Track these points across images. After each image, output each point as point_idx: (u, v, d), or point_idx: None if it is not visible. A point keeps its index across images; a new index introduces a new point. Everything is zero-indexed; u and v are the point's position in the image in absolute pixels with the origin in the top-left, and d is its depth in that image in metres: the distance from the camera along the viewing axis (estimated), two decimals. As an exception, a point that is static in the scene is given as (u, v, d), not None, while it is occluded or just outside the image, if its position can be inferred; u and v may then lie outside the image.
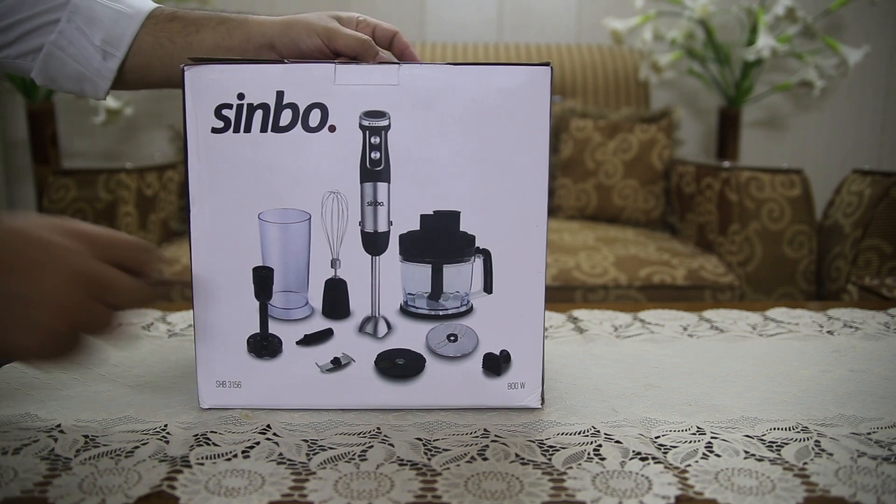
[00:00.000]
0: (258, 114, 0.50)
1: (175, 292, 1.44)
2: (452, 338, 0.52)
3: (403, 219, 0.51)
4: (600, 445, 0.47)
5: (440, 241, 0.52)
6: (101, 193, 1.54)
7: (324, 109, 0.50)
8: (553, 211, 1.98)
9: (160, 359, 0.64)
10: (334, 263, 0.52)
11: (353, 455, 0.46)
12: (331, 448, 0.47)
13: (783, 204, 1.53)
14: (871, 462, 0.45)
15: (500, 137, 0.51)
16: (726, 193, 1.59)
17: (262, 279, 0.52)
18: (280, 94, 0.50)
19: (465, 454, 0.46)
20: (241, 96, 0.50)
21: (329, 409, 0.53)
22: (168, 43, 0.64)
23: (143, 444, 0.47)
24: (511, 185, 0.51)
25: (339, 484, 0.42)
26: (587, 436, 0.49)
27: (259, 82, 0.50)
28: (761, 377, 0.60)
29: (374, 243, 0.52)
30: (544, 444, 0.48)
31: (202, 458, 0.45)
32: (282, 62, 0.51)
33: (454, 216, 0.51)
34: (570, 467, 0.44)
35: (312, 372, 0.53)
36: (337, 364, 0.53)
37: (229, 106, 0.50)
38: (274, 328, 0.52)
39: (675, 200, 1.87)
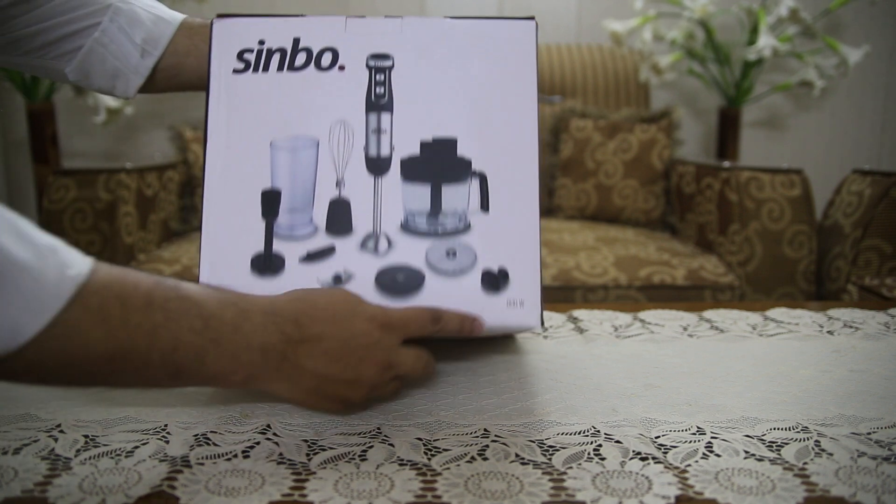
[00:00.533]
0: (276, 56, 0.56)
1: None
2: (451, 254, 0.54)
3: (404, 147, 0.56)
4: (600, 445, 0.47)
5: (439, 164, 0.56)
6: (101, 193, 1.54)
7: (335, 52, 0.56)
8: (553, 211, 1.98)
9: (160, 359, 0.64)
10: (339, 184, 0.55)
11: (353, 455, 0.46)
12: (331, 448, 0.47)
13: (783, 204, 1.53)
14: (871, 462, 0.45)
15: (492, 76, 0.56)
16: (726, 193, 1.59)
17: (271, 200, 0.55)
18: (296, 41, 0.56)
19: (465, 454, 0.46)
20: (261, 42, 0.57)
21: None
22: (203, 45, 0.70)
23: (143, 444, 0.47)
24: (503, 116, 0.56)
25: (339, 484, 0.42)
26: (587, 436, 0.49)
27: (278, 31, 0.57)
28: (761, 377, 0.60)
29: (377, 166, 0.55)
30: (544, 444, 0.48)
31: (202, 458, 0.45)
32: (301, 16, 0.56)
33: (451, 143, 0.56)
34: (570, 467, 0.44)
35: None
36: (338, 280, 0.54)
37: (250, 50, 0.57)
38: (278, 246, 0.54)
39: (675, 200, 1.87)
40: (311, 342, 0.46)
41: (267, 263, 0.54)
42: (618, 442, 0.48)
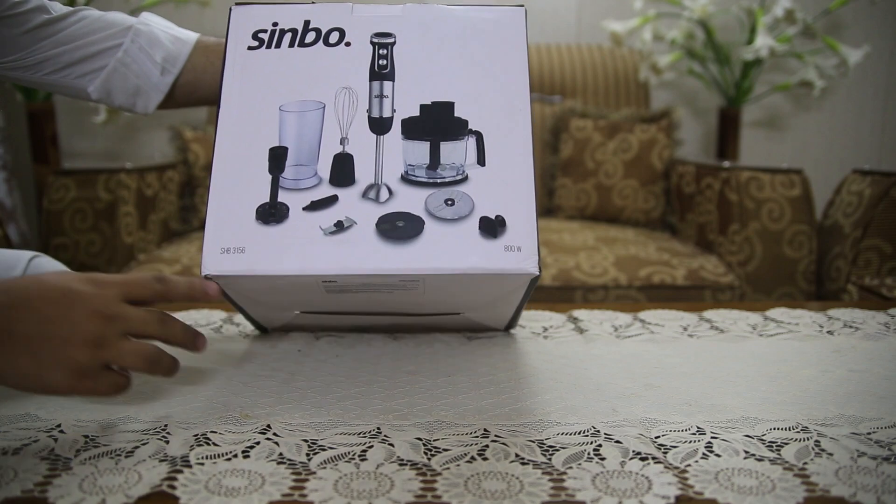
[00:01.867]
0: (287, 35, 0.61)
1: (175, 292, 1.44)
2: (450, 202, 0.56)
3: (405, 110, 0.59)
4: (600, 445, 0.47)
5: (437, 123, 0.59)
6: (101, 193, 1.54)
7: (342, 32, 0.61)
8: (553, 211, 1.98)
9: (160, 359, 0.64)
10: (343, 142, 0.58)
11: (353, 455, 0.46)
12: (331, 448, 0.47)
13: (783, 204, 1.53)
14: (871, 462, 0.45)
15: (486, 51, 0.61)
16: (726, 193, 1.59)
17: (277, 156, 0.57)
18: (307, 22, 0.62)
19: (465, 454, 0.46)
20: (274, 24, 0.62)
21: (330, 274, 0.54)
22: (218, 62, 0.73)
23: (143, 444, 0.47)
24: (497, 84, 0.60)
25: (339, 484, 0.42)
26: (587, 436, 0.49)
27: (290, 14, 0.62)
28: (761, 377, 0.60)
29: (379, 125, 0.59)
30: (544, 444, 0.48)
31: (202, 458, 0.45)
32: (311, 3, 0.63)
33: (449, 106, 0.59)
34: (570, 467, 0.44)
35: (316, 235, 0.55)
36: (339, 227, 0.55)
37: (264, 31, 0.62)
38: (283, 197, 0.56)
39: (675, 200, 1.87)
40: (20, 307, 0.45)
41: (271, 212, 0.56)
42: (618, 442, 0.48)
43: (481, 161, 0.58)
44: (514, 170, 0.57)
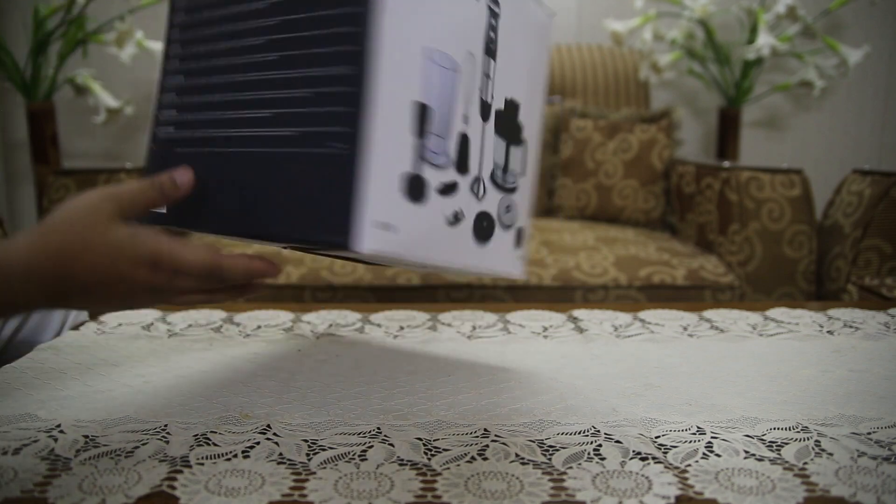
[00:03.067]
0: None
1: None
2: (508, 209, 0.58)
3: (496, 100, 0.56)
4: (600, 445, 0.47)
5: (511, 124, 0.58)
6: (101, 193, 1.54)
7: None
8: (553, 211, 1.98)
9: (160, 359, 0.64)
10: (465, 119, 0.54)
11: (353, 455, 0.46)
12: (331, 448, 0.47)
13: (783, 204, 1.53)
14: (871, 462, 0.45)
15: (535, 53, 0.59)
16: (726, 193, 1.59)
17: (423, 116, 0.49)
18: None
19: (465, 454, 0.46)
20: None
21: (443, 266, 0.54)
22: None
23: (143, 444, 0.47)
24: (536, 95, 0.60)
25: (339, 484, 0.42)
26: (587, 436, 0.49)
27: None
28: (761, 377, 0.60)
29: (485, 110, 0.56)
30: (544, 444, 0.48)
31: (202, 458, 0.45)
32: None
33: (517, 107, 0.58)
34: (570, 467, 0.44)
35: (441, 223, 0.52)
36: (456, 219, 0.53)
37: None
38: (425, 171, 0.50)
39: (675, 200, 1.87)
40: (77, 294, 0.46)
41: (416, 185, 0.50)
42: (618, 442, 0.48)
43: (524, 171, 0.59)
44: (532, 183, 0.60)
